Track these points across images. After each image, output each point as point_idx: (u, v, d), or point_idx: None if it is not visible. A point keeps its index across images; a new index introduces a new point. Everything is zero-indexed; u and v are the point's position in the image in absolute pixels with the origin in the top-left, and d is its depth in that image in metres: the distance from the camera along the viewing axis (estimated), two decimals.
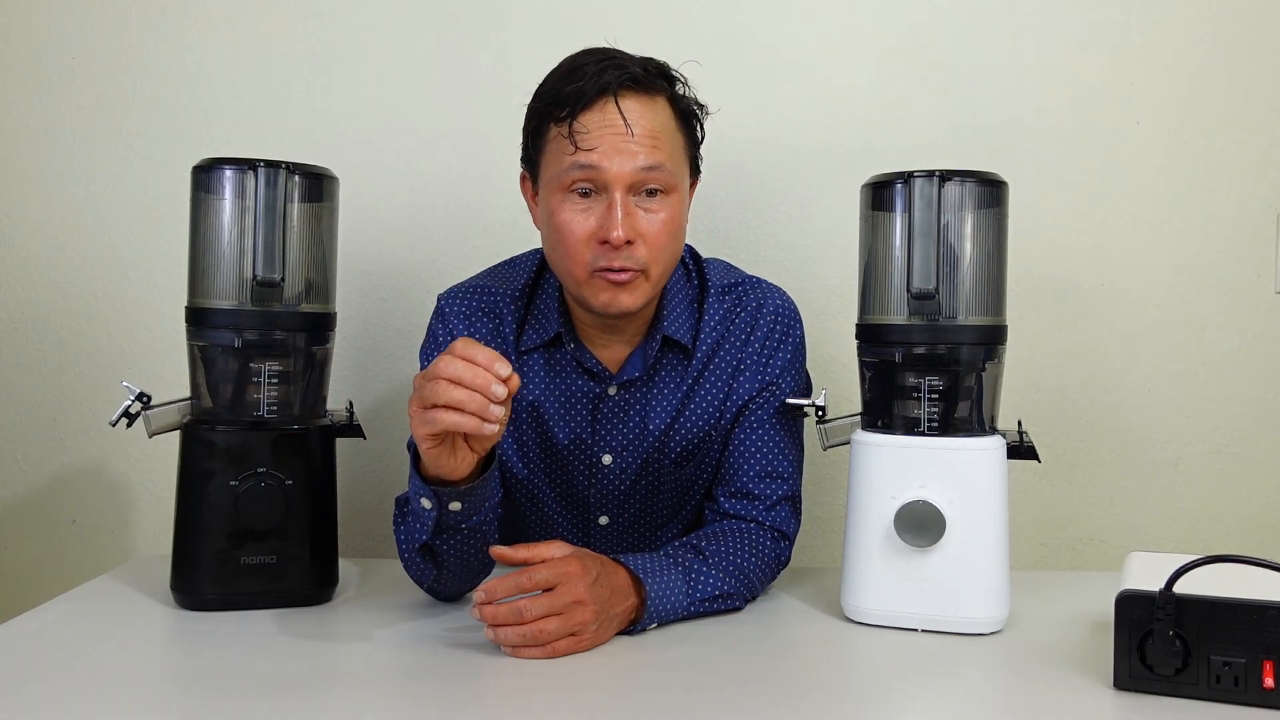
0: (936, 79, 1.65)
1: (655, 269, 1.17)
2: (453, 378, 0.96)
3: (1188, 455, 1.66)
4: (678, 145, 1.19)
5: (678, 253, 1.21)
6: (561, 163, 1.15)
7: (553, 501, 1.31)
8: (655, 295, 1.20)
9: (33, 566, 1.70)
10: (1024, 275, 1.61)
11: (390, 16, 1.67)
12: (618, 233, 1.12)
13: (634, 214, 1.14)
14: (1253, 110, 1.64)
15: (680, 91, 1.20)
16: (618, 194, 1.13)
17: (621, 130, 1.13)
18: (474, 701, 0.93)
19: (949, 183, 1.13)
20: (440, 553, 1.12)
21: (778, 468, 1.26)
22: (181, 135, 1.68)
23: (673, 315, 1.25)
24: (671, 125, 1.18)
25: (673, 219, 1.17)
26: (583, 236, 1.15)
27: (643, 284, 1.17)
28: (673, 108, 1.18)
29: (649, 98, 1.16)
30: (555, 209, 1.16)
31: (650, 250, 1.15)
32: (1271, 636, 0.88)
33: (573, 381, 1.26)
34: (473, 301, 1.28)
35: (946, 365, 1.14)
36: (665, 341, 1.25)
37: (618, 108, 1.13)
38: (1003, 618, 1.12)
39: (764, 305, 1.29)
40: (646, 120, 1.15)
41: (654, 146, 1.14)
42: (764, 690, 0.95)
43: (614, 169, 1.13)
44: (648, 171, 1.14)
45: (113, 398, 1.54)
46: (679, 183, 1.18)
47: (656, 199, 1.16)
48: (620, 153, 1.13)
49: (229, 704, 0.90)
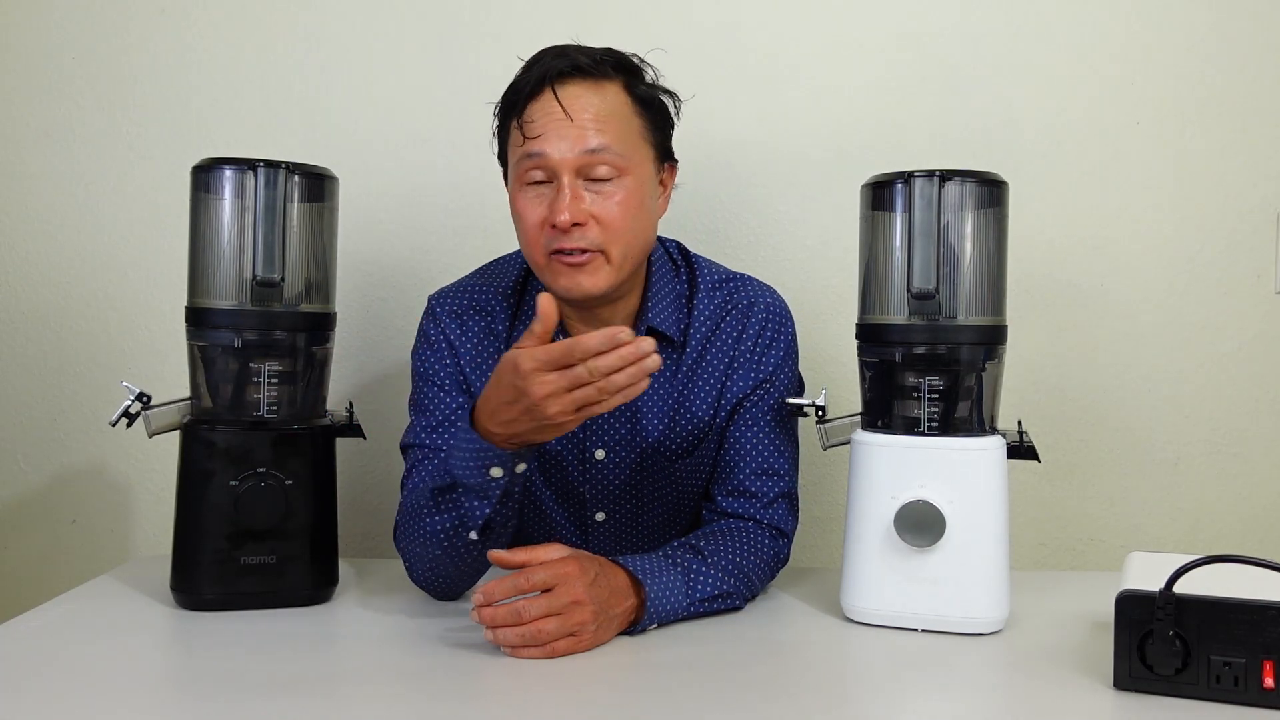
0: (937, 79, 1.65)
1: (615, 249, 1.17)
2: (607, 369, 0.98)
3: (1188, 455, 1.66)
4: (631, 129, 1.19)
5: (642, 234, 1.21)
6: (516, 154, 1.19)
7: (549, 498, 1.31)
8: (622, 278, 1.20)
9: (33, 566, 1.70)
10: (1024, 275, 1.61)
11: (390, 17, 1.67)
12: (564, 216, 1.14)
13: (581, 197, 1.16)
14: (1253, 110, 1.64)
15: (641, 78, 1.22)
16: (565, 178, 1.15)
17: (561, 116, 1.15)
18: (474, 702, 0.93)
19: (949, 183, 1.13)
20: (494, 526, 1.11)
21: (774, 465, 1.26)
22: (181, 135, 1.68)
23: (658, 308, 1.26)
24: (624, 110, 1.19)
25: (628, 200, 1.17)
26: (535, 222, 1.17)
27: (602, 265, 1.17)
28: (628, 93, 1.20)
29: (593, 83, 1.18)
30: (514, 199, 1.20)
31: (605, 231, 1.16)
32: (1271, 636, 0.88)
33: None
34: (463, 300, 1.29)
35: (946, 365, 1.14)
36: (651, 334, 1.25)
37: (555, 95, 1.16)
38: (1003, 618, 1.12)
39: (755, 303, 1.29)
40: (591, 106, 1.16)
41: (598, 130, 1.16)
42: (764, 690, 0.95)
43: (556, 155, 1.15)
44: (592, 154, 1.15)
45: (113, 398, 1.54)
46: (631, 165, 1.18)
47: (610, 182, 1.17)
48: (562, 138, 1.15)
49: (229, 704, 0.90)
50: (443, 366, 1.26)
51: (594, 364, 0.97)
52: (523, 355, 0.99)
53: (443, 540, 1.13)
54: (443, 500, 1.11)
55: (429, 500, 1.12)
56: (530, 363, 0.99)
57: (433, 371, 1.26)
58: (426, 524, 1.13)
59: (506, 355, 1.01)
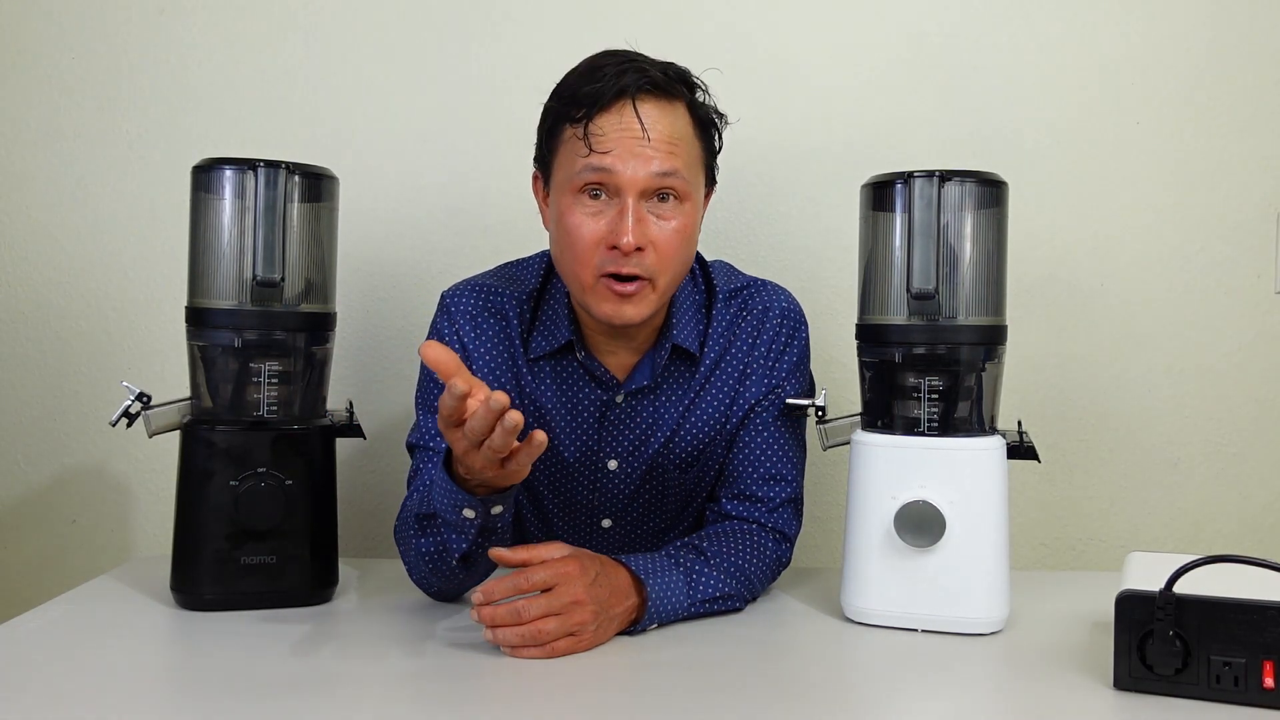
0: (937, 79, 1.65)
1: (663, 279, 1.15)
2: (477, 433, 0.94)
3: (1188, 455, 1.66)
4: (694, 153, 1.16)
5: (687, 263, 1.19)
6: (575, 164, 1.13)
7: (556, 507, 1.30)
8: (661, 306, 1.18)
9: (33, 566, 1.70)
10: (1024, 275, 1.61)
11: (390, 17, 1.67)
12: (628, 238, 1.10)
13: (645, 220, 1.12)
14: (1253, 110, 1.64)
15: (700, 99, 1.18)
16: (630, 199, 1.11)
17: (638, 134, 1.11)
18: (474, 702, 0.93)
19: (949, 183, 1.13)
20: (476, 557, 1.11)
21: (782, 471, 1.26)
22: (181, 135, 1.68)
23: (682, 323, 1.24)
24: (689, 132, 1.16)
25: (685, 227, 1.15)
26: (592, 240, 1.13)
27: (649, 295, 1.15)
28: (691, 115, 1.16)
29: (668, 103, 1.14)
30: (566, 210, 1.14)
31: (660, 259, 1.13)
32: (1271, 636, 0.88)
33: (580, 390, 1.25)
34: (479, 300, 1.26)
35: (946, 365, 1.14)
36: (675, 351, 1.24)
37: (635, 111, 1.11)
38: (1003, 618, 1.12)
39: (770, 309, 1.28)
40: (664, 126, 1.13)
41: (670, 153, 1.12)
42: (764, 690, 0.95)
43: (628, 173, 1.11)
44: (663, 177, 1.12)
45: (113, 398, 1.54)
46: (693, 191, 1.16)
47: (670, 206, 1.14)
48: (635, 157, 1.11)
49: (229, 704, 0.90)
50: None
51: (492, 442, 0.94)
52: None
53: (428, 561, 1.14)
54: (427, 525, 1.12)
55: (414, 523, 1.13)
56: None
57: None
58: (414, 544, 1.14)
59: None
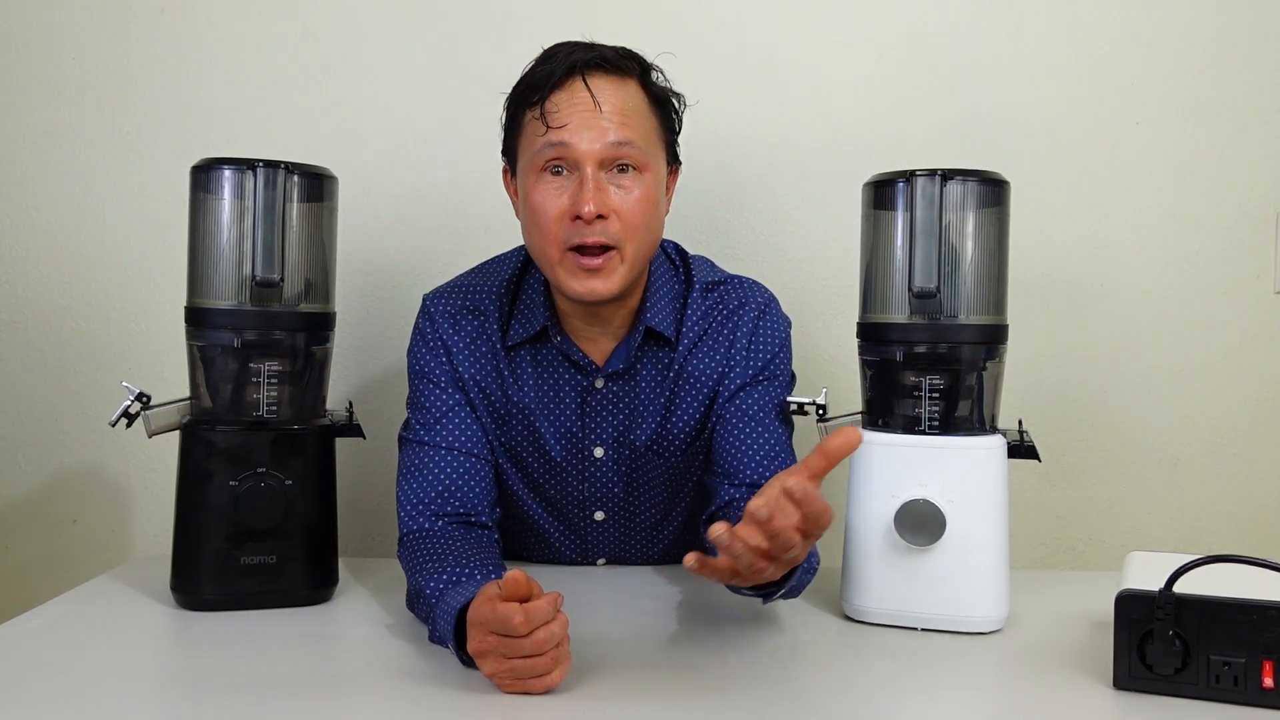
0: (937, 78, 1.65)
1: (630, 246, 1.17)
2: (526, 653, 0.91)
3: (1188, 455, 1.66)
4: (650, 126, 1.19)
5: (653, 233, 1.21)
6: (535, 144, 1.16)
7: (548, 500, 1.31)
8: (631, 278, 1.19)
9: (33, 566, 1.70)
10: (1024, 275, 1.61)
11: (390, 17, 1.67)
12: (589, 206, 1.13)
13: (605, 189, 1.15)
14: (1253, 110, 1.64)
15: (654, 77, 1.21)
16: (589, 169, 1.14)
17: (590, 107, 1.15)
18: (473, 702, 0.93)
19: (951, 182, 1.13)
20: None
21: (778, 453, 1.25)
22: (181, 135, 1.68)
23: (656, 307, 1.26)
24: (643, 107, 1.19)
25: (646, 196, 1.17)
26: (555, 214, 1.16)
27: (617, 266, 1.17)
28: (645, 91, 1.20)
29: (618, 78, 1.18)
30: (530, 190, 1.17)
31: (625, 226, 1.16)
32: (1271, 636, 0.88)
33: (560, 376, 1.26)
34: (457, 300, 1.28)
35: (947, 364, 1.14)
36: (648, 333, 1.25)
37: (586, 85, 1.15)
38: (1003, 617, 1.12)
39: (746, 303, 1.29)
40: (616, 99, 1.16)
41: (623, 124, 1.15)
42: (764, 690, 0.95)
43: (583, 145, 1.14)
44: (618, 147, 1.15)
45: (113, 398, 1.54)
46: (651, 162, 1.18)
47: (629, 176, 1.16)
48: (589, 128, 1.14)
49: (229, 704, 0.90)
50: (438, 364, 1.26)
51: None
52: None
53: (421, 616, 1.10)
54: (419, 601, 1.08)
55: (411, 587, 1.11)
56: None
57: (428, 369, 1.27)
58: (409, 595, 1.12)
59: (500, 608, 0.90)
